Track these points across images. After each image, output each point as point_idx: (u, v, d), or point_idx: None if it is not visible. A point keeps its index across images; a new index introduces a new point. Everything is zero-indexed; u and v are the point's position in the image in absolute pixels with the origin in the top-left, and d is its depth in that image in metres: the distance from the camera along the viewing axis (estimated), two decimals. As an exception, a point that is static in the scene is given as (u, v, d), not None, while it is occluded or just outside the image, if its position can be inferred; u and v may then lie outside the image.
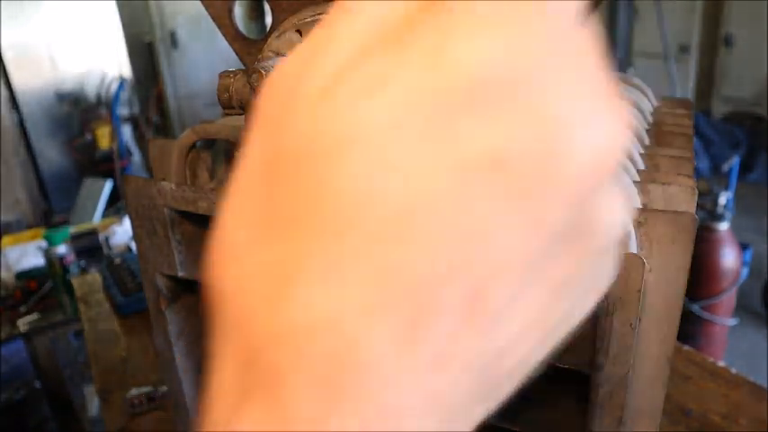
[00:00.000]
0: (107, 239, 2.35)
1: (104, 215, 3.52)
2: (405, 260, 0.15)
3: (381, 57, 0.16)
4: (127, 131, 4.42)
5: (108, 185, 3.75)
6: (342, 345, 0.16)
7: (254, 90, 0.40)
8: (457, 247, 0.15)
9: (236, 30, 0.58)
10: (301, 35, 0.44)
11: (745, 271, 2.38)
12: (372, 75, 0.16)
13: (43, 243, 2.55)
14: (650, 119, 0.82)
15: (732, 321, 2.35)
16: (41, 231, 2.83)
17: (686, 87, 4.41)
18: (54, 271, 2.36)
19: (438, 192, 0.15)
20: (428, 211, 0.15)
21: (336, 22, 0.17)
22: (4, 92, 4.06)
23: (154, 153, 0.70)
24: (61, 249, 2.41)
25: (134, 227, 0.72)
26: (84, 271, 2.16)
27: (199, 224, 0.71)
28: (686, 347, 1.27)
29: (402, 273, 0.15)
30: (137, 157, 4.44)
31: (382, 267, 0.15)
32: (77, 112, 4.39)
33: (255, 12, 3.77)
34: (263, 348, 0.16)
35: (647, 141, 0.71)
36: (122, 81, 4.32)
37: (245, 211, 0.18)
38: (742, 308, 2.73)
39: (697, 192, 0.55)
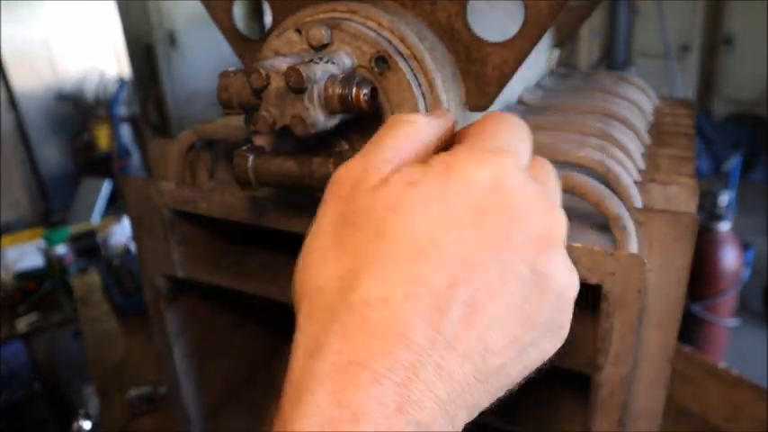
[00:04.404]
0: (106, 240, 2.35)
1: (104, 215, 3.52)
2: (426, 272, 0.29)
3: (415, 171, 0.31)
4: (126, 132, 4.42)
5: (107, 186, 3.75)
6: (388, 315, 0.28)
7: (253, 90, 0.39)
8: (458, 269, 0.29)
9: (236, 30, 0.58)
10: (301, 35, 0.44)
11: (746, 271, 2.37)
12: (409, 177, 0.31)
13: (42, 243, 2.55)
14: (651, 119, 0.81)
15: (733, 322, 2.34)
16: (40, 231, 2.83)
17: (687, 87, 4.41)
18: (53, 271, 2.36)
19: (445, 235, 0.29)
20: (440, 245, 0.29)
21: (387, 145, 0.33)
22: (4, 92, 4.06)
23: (153, 153, 0.70)
24: (60, 249, 2.40)
25: (133, 227, 0.72)
26: (83, 271, 2.16)
27: (198, 224, 0.71)
28: (687, 348, 1.27)
29: (424, 279, 0.29)
30: (136, 157, 4.43)
31: (413, 275, 0.29)
32: (76, 112, 4.39)
33: (255, 12, 3.76)
34: (340, 312, 0.28)
35: (647, 141, 0.71)
36: (121, 81, 4.32)
37: (329, 242, 0.31)
38: (743, 308, 2.73)
39: (698, 191, 0.55)
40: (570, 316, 0.34)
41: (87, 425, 1.04)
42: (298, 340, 0.30)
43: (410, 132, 0.34)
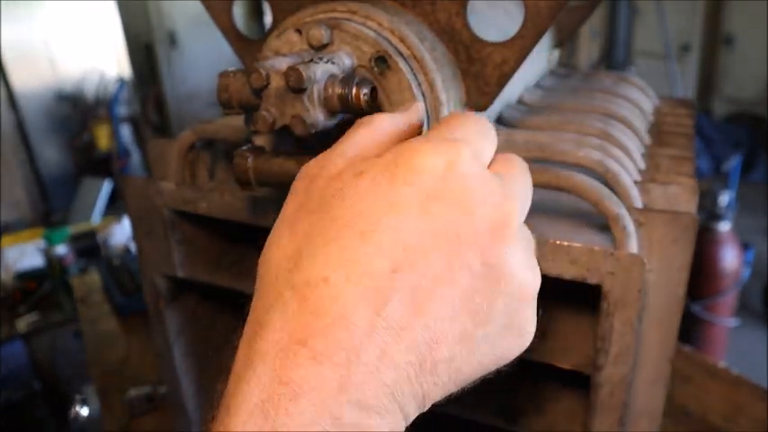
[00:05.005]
0: (106, 240, 2.35)
1: (104, 215, 3.52)
2: (367, 255, 0.29)
3: (366, 162, 0.32)
4: (126, 132, 4.42)
5: (106, 185, 3.75)
6: (328, 295, 0.28)
7: (253, 89, 0.39)
8: (399, 255, 0.29)
9: (236, 30, 0.58)
10: (301, 35, 0.44)
11: (746, 271, 2.37)
12: (359, 168, 0.32)
13: (42, 243, 2.55)
14: (651, 118, 0.81)
15: (733, 322, 2.34)
16: (40, 231, 2.83)
17: (687, 87, 4.41)
18: (53, 271, 2.36)
19: (386, 220, 0.29)
20: (380, 230, 0.29)
21: (345, 143, 0.35)
22: (4, 92, 4.06)
23: (153, 153, 0.70)
24: (61, 249, 2.40)
25: (133, 227, 0.72)
26: (83, 271, 2.16)
27: (198, 224, 0.71)
28: (687, 348, 1.27)
29: (365, 262, 0.29)
30: (136, 157, 4.43)
31: (354, 257, 0.29)
32: (76, 112, 4.39)
33: (255, 12, 3.76)
34: (284, 292, 0.29)
35: (647, 141, 0.71)
36: (121, 81, 4.32)
37: (285, 226, 0.32)
38: (743, 308, 2.72)
39: (698, 191, 0.55)
40: (533, 316, 0.33)
41: (85, 411, 1.03)
42: (248, 319, 0.31)
43: (366, 132, 0.35)
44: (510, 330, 0.31)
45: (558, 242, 0.48)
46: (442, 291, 0.29)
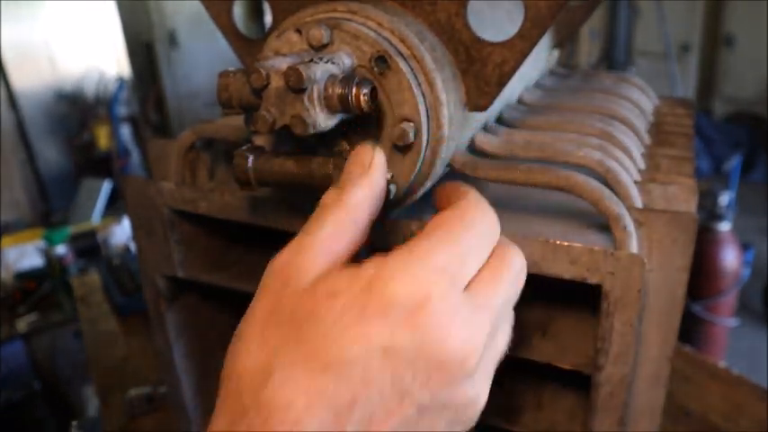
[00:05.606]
0: (106, 240, 2.35)
1: (104, 215, 3.52)
2: (329, 387, 0.30)
3: (340, 279, 0.33)
4: (126, 131, 4.42)
5: (106, 185, 3.75)
6: (289, 420, 0.29)
7: (253, 89, 0.39)
8: (359, 388, 0.30)
9: (236, 30, 0.58)
10: (301, 35, 0.44)
11: (746, 271, 2.37)
12: (332, 286, 0.32)
13: (42, 243, 2.55)
14: (651, 118, 0.81)
15: (733, 322, 2.34)
16: (40, 231, 2.83)
17: (687, 87, 4.41)
18: (53, 271, 2.36)
19: (352, 352, 0.30)
20: (347, 362, 0.30)
21: (319, 229, 0.35)
22: (4, 92, 4.06)
23: (153, 153, 0.70)
24: (60, 249, 2.40)
25: (133, 227, 0.72)
26: (83, 271, 2.16)
27: (198, 224, 0.71)
28: (687, 348, 1.27)
29: (327, 393, 0.30)
30: (135, 156, 4.43)
31: (317, 387, 0.30)
32: (76, 111, 4.39)
33: (255, 12, 3.77)
34: (249, 410, 0.30)
35: (647, 141, 0.71)
36: (121, 81, 4.32)
37: (255, 333, 0.33)
38: (743, 308, 2.72)
39: (698, 191, 0.55)
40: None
41: None
42: (213, 423, 0.32)
43: (340, 213, 0.35)
44: None
45: (558, 242, 0.48)
46: (391, 421, 0.31)
